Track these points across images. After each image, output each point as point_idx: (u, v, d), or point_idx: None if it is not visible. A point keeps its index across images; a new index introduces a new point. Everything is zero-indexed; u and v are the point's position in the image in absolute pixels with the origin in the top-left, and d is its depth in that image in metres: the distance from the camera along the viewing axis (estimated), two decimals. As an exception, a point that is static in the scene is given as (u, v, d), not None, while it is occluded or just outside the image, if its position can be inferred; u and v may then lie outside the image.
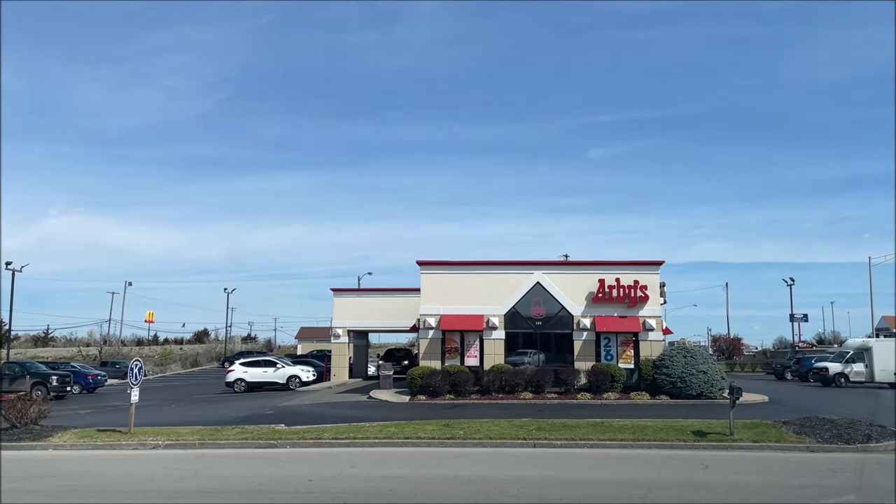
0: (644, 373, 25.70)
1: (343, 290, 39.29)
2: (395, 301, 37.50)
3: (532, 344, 27.47)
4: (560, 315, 27.31)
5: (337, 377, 37.71)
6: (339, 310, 38.13)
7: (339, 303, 38.30)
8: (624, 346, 27.17)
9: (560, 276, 27.60)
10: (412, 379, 25.76)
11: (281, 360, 35.82)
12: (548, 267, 28.12)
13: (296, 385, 33.16)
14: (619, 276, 27.28)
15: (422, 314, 27.22)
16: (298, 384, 33.23)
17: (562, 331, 27.25)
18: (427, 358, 27.21)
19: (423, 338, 27.43)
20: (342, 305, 38.24)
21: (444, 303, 27.26)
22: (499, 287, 27.33)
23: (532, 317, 27.41)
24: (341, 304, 38.28)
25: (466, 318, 26.85)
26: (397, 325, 37.23)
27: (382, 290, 39.22)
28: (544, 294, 27.48)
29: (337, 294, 38.75)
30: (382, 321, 37.89)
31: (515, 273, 27.71)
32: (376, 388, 30.11)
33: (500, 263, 27.94)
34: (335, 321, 38.30)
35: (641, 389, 25.53)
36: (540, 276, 27.62)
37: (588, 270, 27.58)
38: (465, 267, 27.85)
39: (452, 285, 27.31)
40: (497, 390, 25.07)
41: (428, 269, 27.80)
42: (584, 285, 27.33)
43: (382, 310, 37.72)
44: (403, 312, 35.80)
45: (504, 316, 27.22)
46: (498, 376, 25.34)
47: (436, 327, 27.14)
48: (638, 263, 27.68)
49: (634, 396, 24.78)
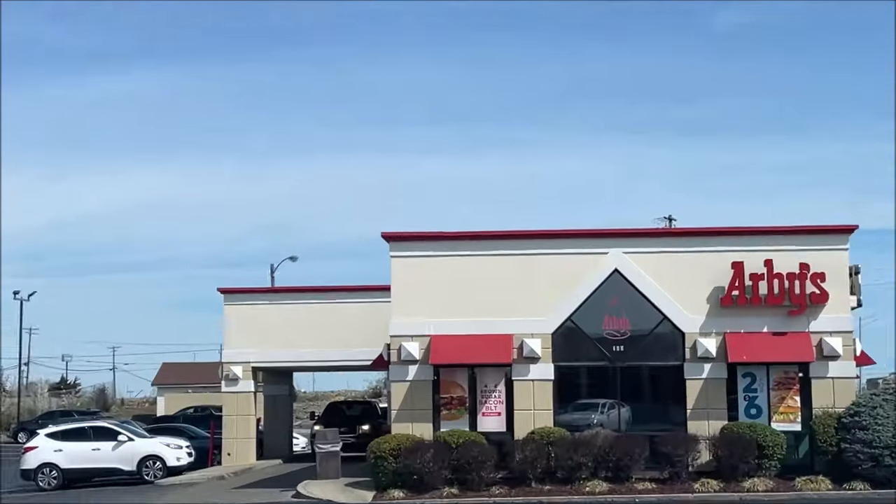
0: (822, 439, 24.79)
1: (242, 292, 37.88)
2: (342, 312, 36.18)
3: (606, 387, 27.25)
4: (658, 332, 26.72)
5: (234, 457, 36.36)
6: (234, 329, 36.68)
7: (236, 316, 36.85)
8: (782, 389, 26.23)
9: (658, 257, 26.74)
10: (379, 459, 24.91)
11: (127, 427, 35.20)
12: (633, 241, 27.27)
13: (156, 474, 32.30)
14: (770, 255, 25.88)
15: (394, 335, 26.58)
16: (161, 472, 32.30)
17: (662, 361, 26.78)
18: (405, 418, 26.51)
19: (397, 380, 26.86)
20: (241, 321, 36.68)
21: (437, 313, 26.50)
22: (540, 281, 26.55)
23: (606, 336, 26.55)
24: (239, 317, 36.78)
25: (479, 342, 26.19)
26: (348, 356, 35.94)
27: (317, 289, 38.00)
28: (628, 292, 26.68)
29: (231, 299, 37.20)
30: (320, 350, 36.30)
31: (571, 253, 26.87)
32: (310, 476, 28.88)
33: (540, 236, 27.26)
34: (228, 351, 37.02)
35: (816, 471, 24.69)
36: (619, 259, 26.76)
37: (711, 246, 26.56)
38: (474, 243, 27.13)
39: (451, 280, 26.66)
40: (541, 477, 24.57)
41: (403, 248, 27.06)
42: (705, 275, 26.32)
43: (319, 328, 35.98)
44: (360, 332, 34.07)
45: (552, 335, 26.47)
46: (542, 451, 24.62)
47: (421, 359, 26.38)
48: (807, 231, 26.66)
49: (803, 485, 24.10)
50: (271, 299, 38.42)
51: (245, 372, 36.64)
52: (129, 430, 33.95)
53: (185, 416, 48.90)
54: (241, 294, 37.86)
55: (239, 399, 36.73)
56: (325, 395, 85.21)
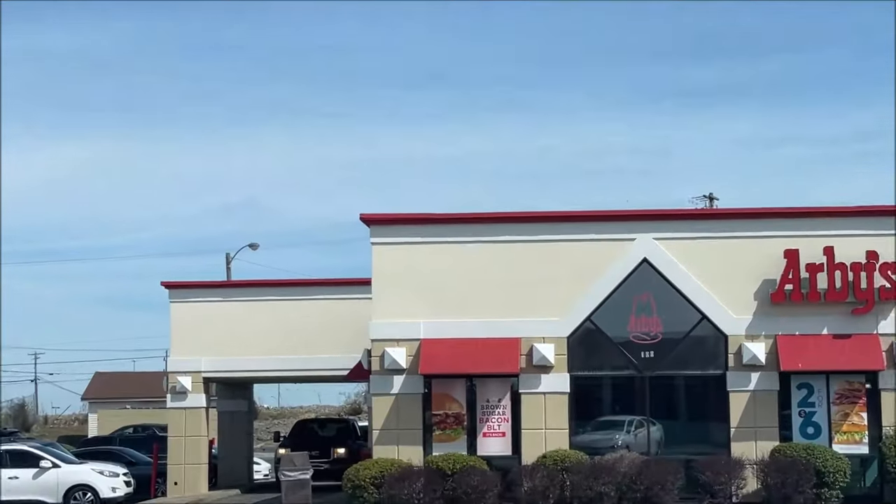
0: (893, 464, 24.37)
1: (192, 287, 36.76)
2: (312, 312, 35.17)
3: (633, 401, 27.00)
4: (696, 335, 26.35)
5: (182, 486, 35.32)
6: (182, 332, 35.38)
7: (184, 316, 35.61)
8: (845, 404, 25.74)
9: (695, 244, 26.33)
10: (357, 489, 24.66)
11: (51, 450, 34.39)
12: (666, 225, 26.83)
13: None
14: (831, 241, 25.31)
15: (376, 339, 26.28)
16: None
17: (700, 370, 26.50)
18: (389, 440, 26.15)
19: (379, 393, 26.62)
20: (191, 322, 35.36)
21: (428, 312, 26.26)
22: (553, 274, 26.24)
23: (632, 340, 26.17)
24: (189, 318, 35.41)
25: (479, 348, 25.91)
26: (320, 364, 34.96)
27: (282, 283, 37.68)
28: (659, 287, 26.25)
29: (178, 296, 35.98)
30: (286, 357, 35.32)
31: (591, 240, 26.64)
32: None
33: (553, 219, 27.06)
34: (175, 358, 35.97)
35: (886, 502, 24.54)
36: (649, 247, 26.40)
37: (760, 230, 26.20)
38: (472, 228, 26.89)
39: (445, 272, 26.43)
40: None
41: (387, 233, 26.88)
42: (752, 265, 25.81)
43: (285, 330, 35.28)
44: (335, 336, 33.42)
45: (567, 339, 26.15)
46: (555, 478, 24.24)
47: (409, 368, 26.13)
48: (875, 212, 26.02)
49: None
50: (227, 296, 37.25)
51: (195, 384, 35.40)
52: (54, 455, 33.23)
53: (123, 438, 48.39)
54: (190, 289, 36.78)
55: (188, 416, 35.74)
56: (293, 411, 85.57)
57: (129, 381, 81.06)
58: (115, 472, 32.78)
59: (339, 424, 45.49)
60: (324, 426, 44.81)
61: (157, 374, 54.43)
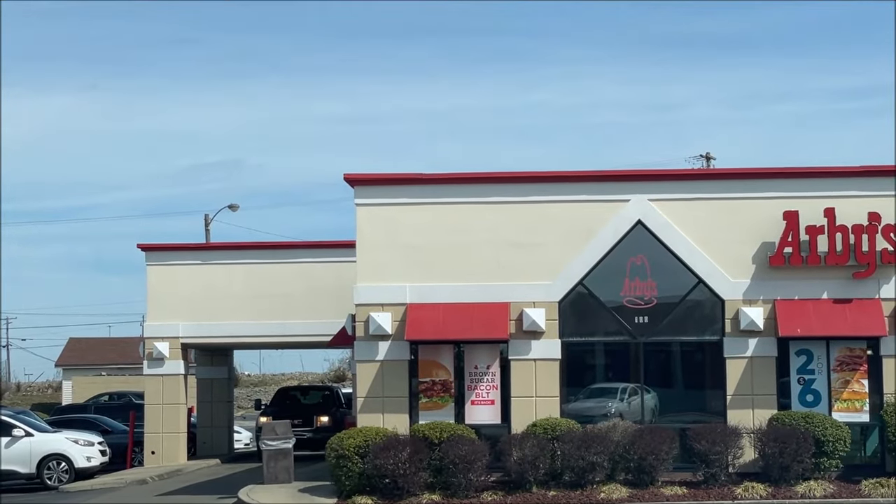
0: (894, 432, 24.35)
1: (169, 250, 37.53)
2: (294, 275, 35.83)
3: (626, 368, 27.05)
4: (692, 299, 26.45)
5: (159, 456, 35.83)
6: (159, 297, 36.47)
7: (161, 280, 36.61)
8: (845, 370, 25.86)
9: (692, 205, 26.41)
10: (341, 458, 24.60)
11: (23, 418, 35.03)
12: (661, 185, 26.86)
13: (61, 477, 32.10)
14: (832, 202, 25.42)
15: (360, 303, 26.36)
16: (67, 475, 32.11)
17: (696, 336, 26.63)
18: (374, 408, 26.31)
19: (364, 360, 26.63)
20: (168, 286, 36.46)
21: (415, 276, 26.41)
22: (544, 236, 26.38)
23: (626, 305, 26.26)
24: (166, 282, 36.56)
25: (467, 313, 26.12)
26: (303, 330, 35.71)
27: (263, 246, 38.74)
28: (654, 249, 26.32)
29: (154, 258, 36.87)
30: (267, 322, 36.00)
31: (584, 201, 26.62)
32: (255, 480, 28.47)
33: (543, 179, 27.06)
34: (152, 324, 36.66)
35: (887, 471, 24.33)
36: (644, 208, 26.43)
37: (758, 191, 26.28)
38: (460, 188, 26.99)
39: (432, 235, 26.59)
40: (544, 480, 24.37)
41: (372, 193, 26.96)
42: (750, 227, 25.96)
43: (267, 295, 35.66)
44: (318, 300, 34.56)
45: (559, 304, 26.17)
46: (545, 448, 24.33)
47: (395, 334, 26.24)
48: (878, 172, 26.00)
49: (871, 488, 23.69)
50: (206, 258, 37.72)
51: (173, 350, 36.04)
52: (27, 423, 33.57)
53: (98, 406, 48.75)
54: (167, 252, 37.28)
55: (165, 384, 36.19)
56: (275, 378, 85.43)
57: (104, 347, 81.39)
58: (90, 441, 32.97)
59: (322, 392, 45.91)
60: (307, 394, 45.16)
61: (134, 339, 55.26)
